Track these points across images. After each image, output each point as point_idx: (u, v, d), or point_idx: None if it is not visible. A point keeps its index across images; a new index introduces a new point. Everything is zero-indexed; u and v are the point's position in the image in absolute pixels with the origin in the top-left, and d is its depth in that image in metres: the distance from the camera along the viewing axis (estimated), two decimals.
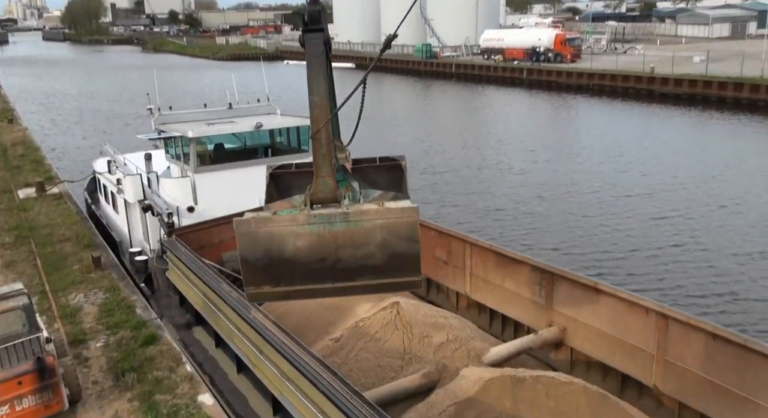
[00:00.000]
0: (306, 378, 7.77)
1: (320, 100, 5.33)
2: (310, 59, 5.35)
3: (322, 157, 5.30)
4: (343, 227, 5.04)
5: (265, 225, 5.10)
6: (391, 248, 5.08)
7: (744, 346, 8.34)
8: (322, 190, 5.23)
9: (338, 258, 5.07)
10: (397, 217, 5.08)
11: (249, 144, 17.86)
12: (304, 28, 5.37)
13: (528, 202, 27.64)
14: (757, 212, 25.96)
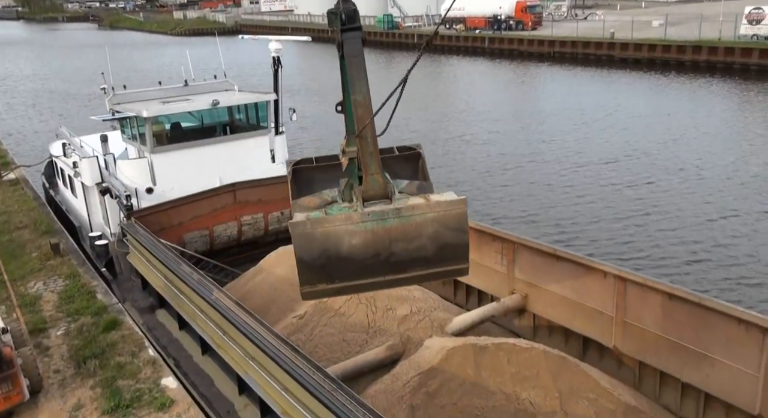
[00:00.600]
0: (269, 357, 7.75)
1: (363, 99, 5.27)
2: (350, 59, 5.29)
3: (370, 156, 5.28)
4: (396, 222, 5.13)
5: (321, 226, 5.12)
6: (442, 239, 5.19)
7: (699, 304, 8.54)
8: (373, 188, 5.26)
9: (391, 252, 5.15)
10: (446, 209, 5.19)
11: (207, 122, 17.54)
12: (342, 27, 5.28)
13: (492, 173, 27.78)
14: (716, 175, 26.48)
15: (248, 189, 15.43)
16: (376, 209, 5.13)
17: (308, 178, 6.89)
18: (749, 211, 22.39)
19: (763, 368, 8.04)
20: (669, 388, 9.28)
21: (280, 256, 12.18)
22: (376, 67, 69.68)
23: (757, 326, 8.02)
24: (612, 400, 8.21)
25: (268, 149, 17.18)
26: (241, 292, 11.73)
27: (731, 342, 8.33)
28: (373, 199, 5.27)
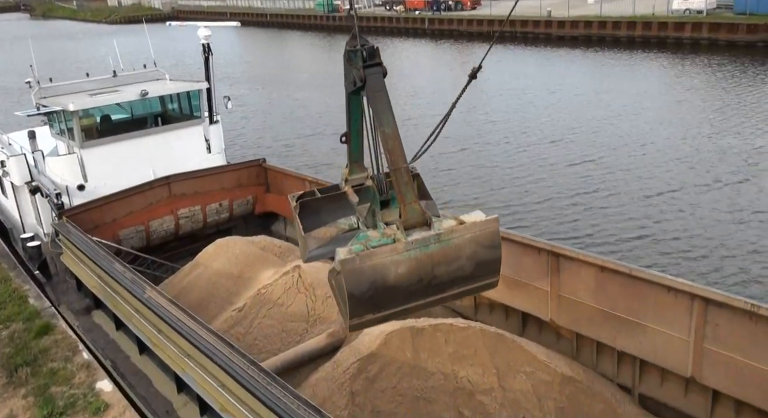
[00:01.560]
0: (203, 354, 7.62)
1: (392, 131, 5.46)
2: (374, 93, 5.47)
3: (405, 185, 5.46)
4: (437, 246, 5.36)
5: (370, 259, 5.25)
6: (478, 257, 5.54)
7: (630, 275, 8.77)
8: (413, 216, 5.44)
9: (434, 275, 5.40)
10: (482, 229, 5.53)
11: (138, 113, 17.03)
12: (364, 64, 5.45)
13: (438, 158, 27.77)
14: (656, 150, 27.05)
15: (184, 181, 15.10)
16: (418, 237, 5.34)
17: (314, 208, 7.01)
18: (690, 185, 22.91)
19: (693, 332, 8.33)
20: (605, 356, 9.53)
21: (217, 249, 11.97)
22: (316, 53, 69.05)
23: (685, 293, 8.28)
24: (549, 372, 8.38)
25: (202, 139, 16.82)
26: (179, 287, 11.50)
27: (661, 309, 8.59)
28: (413, 227, 5.43)
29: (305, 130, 35.69)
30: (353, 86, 5.70)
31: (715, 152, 26.28)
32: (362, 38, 5.55)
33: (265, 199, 16.22)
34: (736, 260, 17.37)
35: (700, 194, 22.10)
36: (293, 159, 29.58)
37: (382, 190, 5.86)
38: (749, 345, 7.83)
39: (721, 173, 23.84)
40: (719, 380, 8.23)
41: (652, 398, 9.09)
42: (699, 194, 22.10)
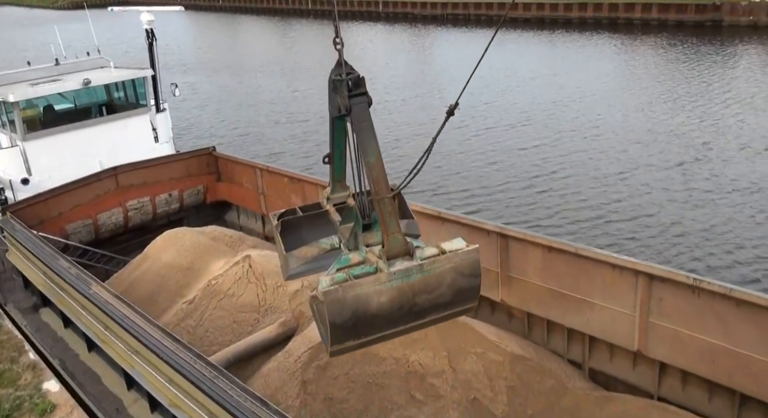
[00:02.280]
0: (150, 350, 7.49)
1: (376, 161, 5.46)
2: (359, 124, 5.47)
3: (389, 215, 5.47)
4: (419, 276, 5.46)
5: (353, 290, 5.27)
6: (458, 285, 5.60)
7: (576, 253, 8.92)
8: (395, 246, 5.47)
9: (415, 303, 5.49)
10: (463, 258, 5.57)
11: (83, 103, 16.54)
12: (349, 93, 5.45)
13: (395, 144, 27.75)
14: (612, 132, 27.43)
15: (131, 172, 14.76)
16: (401, 267, 5.41)
17: (294, 225, 7.00)
18: (644, 165, 23.30)
19: (638, 307, 8.53)
20: (556, 334, 9.72)
21: (166, 240, 11.75)
22: (271, 35, 68.10)
23: (629, 270, 8.47)
24: (499, 352, 8.49)
25: (149, 129, 16.45)
26: (128, 281, 11.27)
27: (607, 286, 8.77)
28: (396, 256, 5.46)
29: (259, 118, 35.27)
30: (338, 112, 5.72)
31: (668, 133, 26.85)
32: (348, 66, 5.56)
33: (216, 188, 15.97)
34: (689, 238, 17.77)
35: (653, 175, 22.51)
36: (249, 148, 29.21)
37: (364, 214, 5.89)
38: (693, 318, 8.06)
39: (673, 154, 24.35)
40: (665, 353, 8.47)
41: (602, 372, 9.31)
42: (652, 175, 22.51)
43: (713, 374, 8.01)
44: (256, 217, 15.42)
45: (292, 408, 7.63)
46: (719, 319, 7.83)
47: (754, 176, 21.65)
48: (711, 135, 26.16)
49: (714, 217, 18.97)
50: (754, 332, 7.52)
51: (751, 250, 16.91)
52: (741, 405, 7.95)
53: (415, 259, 5.45)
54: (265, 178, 14.34)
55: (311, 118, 33.68)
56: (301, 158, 26.72)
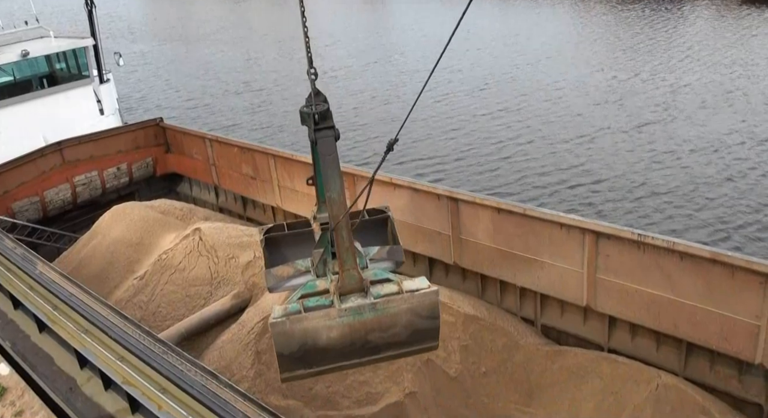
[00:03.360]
0: (99, 328, 7.40)
1: (338, 196, 5.48)
2: (324, 157, 5.47)
3: (346, 251, 5.50)
4: (372, 315, 5.41)
5: (300, 323, 5.30)
6: (415, 326, 5.54)
7: (524, 214, 9.03)
8: (350, 283, 5.49)
9: (367, 340, 5.46)
10: (420, 300, 5.50)
11: (24, 75, 15.91)
12: (315, 127, 5.46)
13: (355, 112, 27.32)
14: (571, 93, 27.27)
15: (77, 146, 14.34)
16: (353, 305, 5.40)
17: (277, 241, 7.09)
18: (605, 128, 23.17)
19: (586, 264, 8.72)
20: (508, 293, 9.90)
21: (114, 216, 11.51)
22: (220, 8, 66.10)
23: (576, 228, 8.62)
24: (452, 313, 8.62)
25: (94, 101, 15.94)
26: (77, 259, 11.06)
27: (556, 245, 8.93)
28: (349, 292, 5.50)
29: (212, 88, 34.43)
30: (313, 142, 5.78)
31: (628, 93, 26.74)
32: (320, 96, 5.56)
33: (165, 160, 15.65)
34: (652, 201, 17.69)
35: (615, 137, 22.32)
36: (203, 121, 28.45)
37: (334, 242, 5.78)
38: (638, 272, 8.28)
39: (635, 114, 24.21)
40: (613, 307, 8.71)
41: (553, 328, 9.54)
42: (614, 137, 22.33)
43: (659, 324, 8.28)
44: (208, 188, 15.20)
45: (247, 378, 7.66)
46: (664, 272, 8.06)
47: (713, 136, 21.63)
48: (672, 95, 26.21)
49: (676, 178, 18.89)
50: (697, 283, 7.77)
51: (713, 211, 16.88)
52: (687, 353, 8.25)
53: (369, 297, 5.47)
54: (216, 148, 14.10)
55: (266, 87, 33.00)
56: (257, 130, 26.18)
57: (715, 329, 7.72)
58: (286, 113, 27.54)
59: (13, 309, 10.62)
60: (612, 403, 7.78)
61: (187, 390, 5.80)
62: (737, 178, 18.50)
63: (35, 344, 9.66)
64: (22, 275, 9.44)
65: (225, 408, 5.30)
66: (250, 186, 13.40)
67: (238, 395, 5.47)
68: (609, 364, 8.31)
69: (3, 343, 9.99)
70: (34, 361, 9.27)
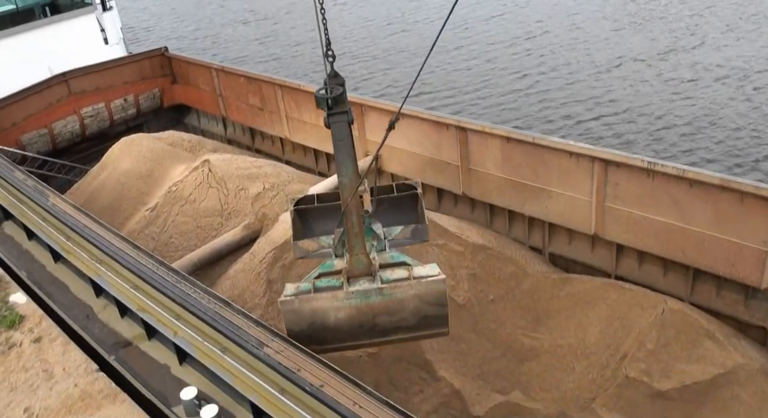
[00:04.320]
0: (112, 258, 7.53)
1: (349, 182, 5.55)
2: (336, 142, 5.50)
3: (355, 236, 5.65)
4: (379, 298, 5.58)
5: (309, 303, 5.51)
6: (423, 312, 5.68)
7: (533, 143, 8.96)
8: (357, 267, 5.65)
9: (375, 323, 5.65)
10: (427, 287, 5.62)
11: (27, 3, 15.57)
12: (329, 111, 5.40)
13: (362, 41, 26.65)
14: (591, 21, 26.28)
15: (83, 77, 14.20)
16: (360, 288, 5.60)
17: (308, 215, 7.12)
18: (628, 56, 22.30)
19: (594, 192, 8.70)
20: (517, 222, 9.93)
21: (123, 147, 11.51)
22: None
23: (585, 156, 8.55)
24: (460, 242, 8.69)
25: (97, 29, 15.63)
26: (89, 191, 11.15)
27: (565, 174, 8.89)
28: (357, 276, 5.67)
29: (219, 17, 33.49)
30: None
31: (649, 18, 25.66)
32: (336, 79, 5.38)
33: (172, 90, 15.48)
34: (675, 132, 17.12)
35: (636, 66, 21.47)
36: (211, 52, 27.82)
37: None
38: (647, 200, 8.27)
39: (657, 41, 23.22)
40: (621, 234, 8.74)
41: (561, 256, 9.62)
42: (635, 65, 21.47)
43: (667, 251, 8.33)
44: (216, 120, 15.10)
45: (259, 306, 7.83)
46: (673, 199, 8.04)
47: (738, 61, 20.71)
48: (693, 18, 25.18)
49: (698, 108, 18.15)
50: (706, 210, 7.77)
51: (737, 141, 16.25)
52: (694, 279, 8.33)
53: (377, 281, 5.63)
54: (222, 78, 13.91)
55: (274, 15, 32.12)
56: (267, 62, 25.62)
57: (722, 255, 7.76)
58: (297, 45, 26.87)
59: (27, 240, 10.83)
60: (618, 327, 7.93)
61: (201, 316, 5.95)
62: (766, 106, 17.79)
63: (51, 274, 9.88)
64: (35, 206, 9.54)
65: (238, 334, 5.44)
66: (258, 117, 13.29)
67: (251, 322, 5.60)
68: (616, 290, 8.42)
69: (19, 272, 10.22)
70: (50, 290, 9.49)
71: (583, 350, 8.04)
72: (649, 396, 7.37)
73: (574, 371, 7.95)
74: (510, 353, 8.30)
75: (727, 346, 7.30)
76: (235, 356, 5.22)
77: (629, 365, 7.57)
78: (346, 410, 4.60)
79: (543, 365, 8.14)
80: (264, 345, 5.28)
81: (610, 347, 7.88)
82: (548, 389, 7.94)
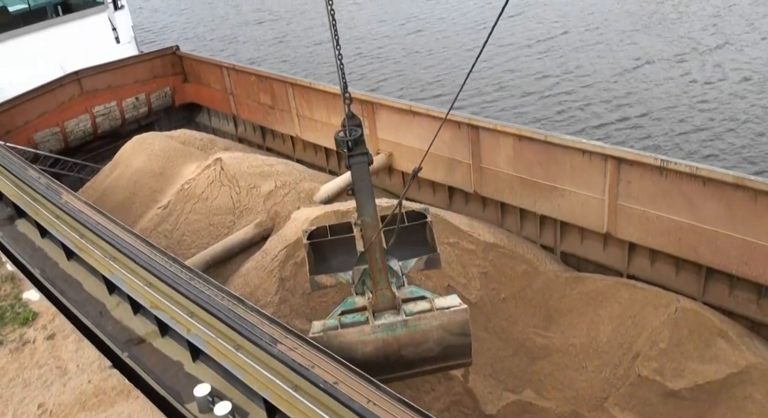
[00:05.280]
0: (126, 255, 7.56)
1: (371, 220, 5.77)
2: (357, 183, 5.73)
3: (379, 272, 5.85)
4: (404, 331, 5.79)
5: (337, 339, 5.71)
6: (446, 342, 5.87)
7: (545, 141, 8.93)
8: (382, 302, 5.87)
9: (401, 356, 5.82)
10: (450, 318, 5.83)
11: (39, 2, 15.66)
12: (349, 153, 5.62)
13: (378, 41, 26.63)
14: (608, 19, 26.02)
15: (95, 76, 14.29)
16: (385, 321, 5.81)
17: (324, 249, 7.29)
18: (653, 55, 21.90)
19: (607, 191, 8.66)
20: (528, 221, 9.91)
21: (135, 146, 11.56)
22: None
23: (598, 154, 8.51)
24: (472, 241, 8.67)
25: (109, 28, 15.71)
26: (101, 189, 11.21)
27: (577, 172, 8.86)
28: (382, 310, 5.87)
29: (233, 17, 33.38)
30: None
31: (668, 18, 25.29)
32: (354, 120, 5.60)
33: (183, 89, 15.55)
34: (699, 134, 16.76)
35: (660, 65, 21.10)
36: (225, 53, 27.74)
37: None
38: (660, 198, 8.23)
39: (680, 39, 22.80)
40: (633, 233, 8.70)
41: (573, 255, 9.59)
42: (660, 65, 21.10)
43: (680, 250, 8.28)
44: (227, 118, 15.15)
45: (272, 304, 7.85)
46: (686, 198, 7.99)
47: (760, 62, 20.04)
48: (715, 18, 24.64)
49: (721, 111, 17.64)
50: (719, 208, 7.72)
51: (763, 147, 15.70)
52: (707, 278, 8.28)
53: (402, 314, 5.83)
54: (233, 77, 13.95)
55: (286, 16, 32.07)
56: (283, 63, 25.59)
57: (735, 253, 7.71)
58: (311, 46, 26.75)
59: (41, 237, 10.91)
60: (630, 326, 7.90)
61: (215, 314, 5.96)
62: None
63: (64, 271, 9.93)
64: (48, 204, 9.60)
65: (252, 331, 5.45)
66: (269, 116, 13.32)
67: (265, 319, 5.61)
68: (628, 289, 8.38)
69: (32, 270, 10.29)
70: (63, 287, 9.55)
71: (596, 348, 8.02)
72: (662, 395, 7.34)
73: (586, 369, 7.92)
74: (522, 352, 8.29)
75: (740, 345, 7.25)
76: (248, 353, 5.23)
77: (642, 364, 7.53)
78: (360, 407, 4.60)
79: (555, 364, 8.12)
80: (278, 342, 5.28)
81: (622, 346, 7.85)
82: (560, 388, 7.92)
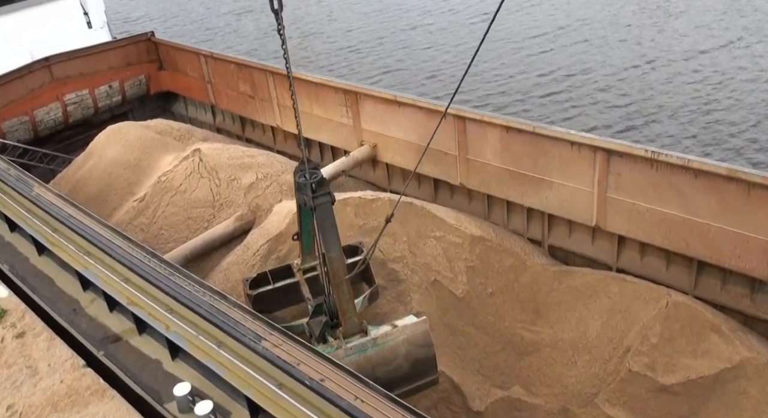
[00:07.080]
0: (101, 250, 7.23)
1: (337, 255, 6.09)
2: (322, 222, 5.99)
3: (347, 302, 6.23)
4: (375, 350, 6.20)
5: None
6: (414, 356, 6.32)
7: (533, 132, 8.75)
8: (351, 328, 6.28)
9: (375, 377, 5.97)
10: (413, 330, 6.33)
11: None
12: (313, 194, 5.83)
13: (381, 41, 26.29)
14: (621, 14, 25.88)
15: (66, 62, 13.78)
16: (356, 343, 6.20)
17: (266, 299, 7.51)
18: (666, 53, 21.49)
19: (596, 183, 8.51)
20: (515, 214, 9.73)
21: (109, 136, 11.15)
22: None
23: (587, 146, 8.36)
24: (458, 234, 8.48)
25: (80, 12, 15.21)
26: (74, 181, 10.80)
27: (565, 164, 8.69)
28: (352, 336, 6.26)
29: (218, 5, 32.70)
30: (303, 205, 6.22)
31: (683, 12, 24.93)
32: (311, 163, 5.90)
33: (159, 77, 15.10)
34: (714, 134, 16.51)
35: (669, 65, 20.71)
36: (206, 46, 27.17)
37: (333, 317, 6.52)
38: (650, 190, 8.09)
39: (689, 37, 22.47)
40: (622, 226, 8.57)
41: (561, 249, 9.44)
42: (668, 65, 20.71)
43: (671, 243, 8.16)
44: (205, 108, 14.75)
45: None
46: (677, 190, 7.87)
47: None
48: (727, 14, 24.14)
49: (736, 111, 17.25)
50: (712, 201, 7.60)
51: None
52: (698, 271, 8.18)
53: (369, 335, 6.25)
54: (211, 65, 13.56)
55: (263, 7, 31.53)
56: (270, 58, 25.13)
57: (728, 246, 7.61)
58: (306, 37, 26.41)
59: (10, 232, 10.47)
60: (620, 321, 7.77)
61: (195, 310, 5.69)
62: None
63: (35, 266, 9.52)
64: (18, 196, 9.20)
65: (235, 327, 5.20)
66: (249, 105, 12.98)
67: (248, 315, 5.37)
68: (617, 283, 8.25)
69: (1, 265, 9.88)
70: (34, 283, 9.14)
71: (585, 343, 7.88)
72: (654, 391, 7.23)
73: (575, 365, 7.79)
74: (510, 347, 8.13)
75: (734, 340, 7.15)
76: (230, 350, 4.99)
77: (633, 359, 7.41)
78: (348, 404, 4.42)
79: (544, 360, 7.97)
80: (262, 339, 5.05)
81: (612, 341, 7.72)
82: (549, 384, 7.77)
